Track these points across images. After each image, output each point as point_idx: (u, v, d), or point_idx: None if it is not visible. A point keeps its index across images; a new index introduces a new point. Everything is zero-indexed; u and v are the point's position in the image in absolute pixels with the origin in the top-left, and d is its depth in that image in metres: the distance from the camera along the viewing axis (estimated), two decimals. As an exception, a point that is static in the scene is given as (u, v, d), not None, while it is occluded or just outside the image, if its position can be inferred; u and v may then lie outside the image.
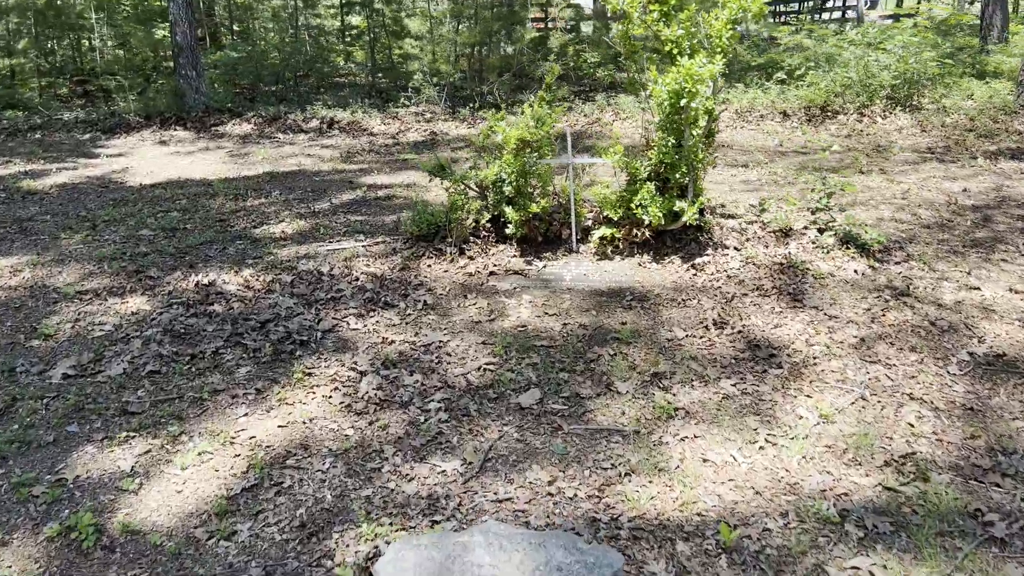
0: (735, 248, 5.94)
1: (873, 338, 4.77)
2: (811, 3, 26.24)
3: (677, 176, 5.56)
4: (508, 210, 6.03)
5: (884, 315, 5.03)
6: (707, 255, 5.89)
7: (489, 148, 6.44)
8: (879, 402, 4.12)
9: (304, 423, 4.01)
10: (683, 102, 5.23)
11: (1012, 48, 15.78)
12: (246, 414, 4.12)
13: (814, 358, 4.59)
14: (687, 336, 4.90)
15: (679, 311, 5.25)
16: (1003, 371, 4.38)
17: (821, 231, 6.04)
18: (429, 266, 6.06)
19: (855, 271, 5.60)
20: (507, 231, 6.15)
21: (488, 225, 6.34)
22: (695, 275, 5.70)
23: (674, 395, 4.22)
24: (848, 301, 5.24)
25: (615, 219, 6.01)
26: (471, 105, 14.40)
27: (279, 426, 3.99)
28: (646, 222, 5.76)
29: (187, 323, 5.17)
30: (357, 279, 5.83)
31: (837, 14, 25.76)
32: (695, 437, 3.83)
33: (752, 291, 5.42)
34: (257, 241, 6.83)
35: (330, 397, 4.27)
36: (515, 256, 6.20)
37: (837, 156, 9.53)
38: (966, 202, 7.39)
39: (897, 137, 10.64)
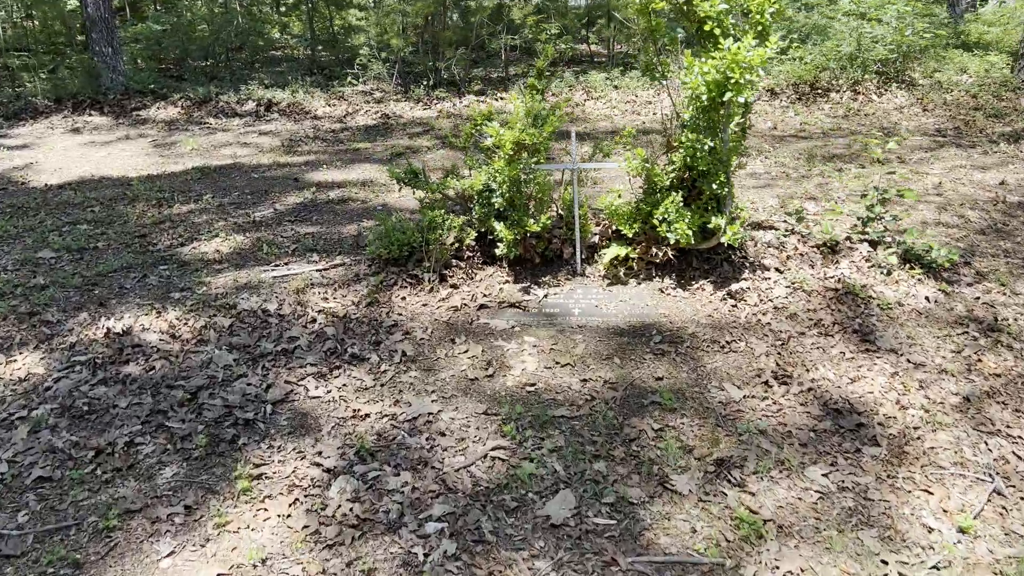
0: (776, 269, 4.90)
1: (979, 396, 3.79)
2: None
3: (714, 186, 4.47)
4: (499, 227, 4.88)
5: (980, 361, 4.06)
6: (744, 279, 4.84)
7: (469, 148, 5.26)
8: (1022, 498, 3.13)
9: (255, 567, 2.84)
10: (727, 96, 4.13)
11: (986, 15, 15.08)
12: (172, 552, 2.93)
13: (914, 428, 3.58)
14: (745, 397, 3.85)
15: (725, 358, 4.20)
16: None
17: (873, 245, 5.04)
18: (403, 298, 4.89)
19: (926, 298, 4.61)
20: (497, 251, 5.00)
21: (473, 244, 5.18)
22: (735, 307, 4.64)
23: (753, 495, 3.17)
24: (930, 341, 4.25)
25: (629, 236, 4.91)
26: (425, 83, 13.09)
27: (219, 575, 2.81)
28: (671, 240, 4.68)
29: (93, 395, 3.93)
30: (314, 320, 4.63)
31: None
32: (802, 572, 2.78)
33: (809, 328, 4.40)
34: (185, 265, 5.55)
35: (288, 516, 3.10)
36: (508, 282, 5.06)
37: (843, 142, 8.58)
38: (1012, 199, 6.49)
39: (899, 117, 9.75)
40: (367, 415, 3.79)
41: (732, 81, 4.08)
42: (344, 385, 4.04)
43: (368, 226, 6.15)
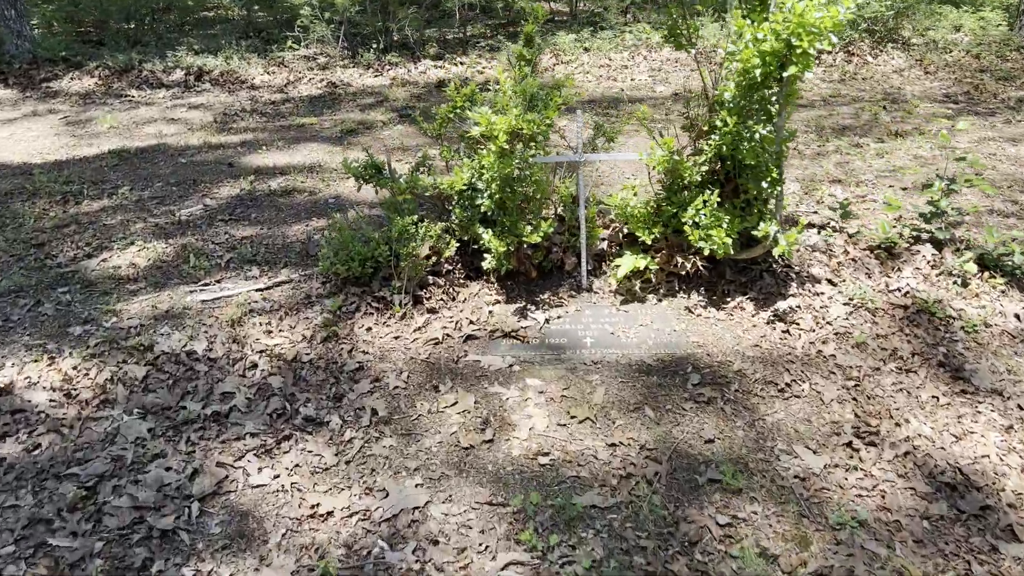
0: (828, 281, 4.00)
1: (1124, 458, 2.95)
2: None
3: (763, 184, 3.53)
4: (486, 235, 3.88)
5: (1108, 404, 3.22)
6: (791, 294, 3.93)
7: (445, 135, 4.23)
8: None
9: None
10: (790, 70, 3.16)
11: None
12: None
13: (1058, 512, 2.72)
14: (826, 467, 2.96)
15: (787, 407, 3.30)
16: None
17: (937, 245, 4.17)
18: (368, 329, 3.87)
19: (1016, 316, 3.76)
20: (484, 264, 4.01)
21: (454, 255, 4.17)
22: (786, 333, 3.74)
23: (877, 636, 2.28)
24: (1037, 376, 3.40)
25: (648, 242, 3.95)
26: (375, 46, 11.83)
27: None
28: (705, 251, 3.73)
29: (-52, 495, 2.86)
30: (254, 366, 3.59)
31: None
32: None
33: (884, 361, 3.52)
34: (91, 286, 4.43)
35: None
36: (498, 302, 4.07)
37: (849, 111, 7.70)
38: (1062, 178, 5.69)
39: (900, 81, 8.92)
40: (330, 513, 2.80)
41: (797, 51, 3.11)
42: (297, 465, 3.03)
43: (319, 227, 5.09)
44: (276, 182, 6.20)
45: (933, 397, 3.29)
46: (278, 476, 2.98)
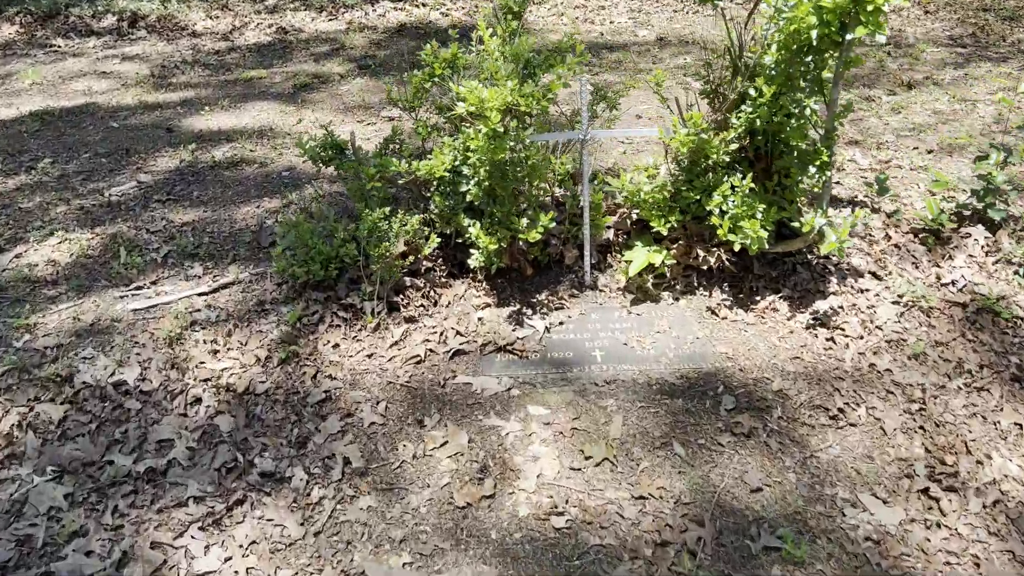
0: (872, 274, 3.44)
1: None
2: None
3: (811, 169, 2.92)
4: (473, 229, 3.24)
5: None
6: (831, 292, 3.36)
7: (419, 108, 3.53)
8: None
9: None
10: (856, 32, 2.54)
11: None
12: None
13: None
14: (903, 524, 2.44)
15: (842, 439, 2.76)
16: None
17: (991, 227, 3.63)
18: (336, 346, 3.24)
19: (1091, 314, 3.25)
20: (470, 261, 3.38)
21: (434, 250, 3.53)
22: (830, 341, 3.18)
23: None
24: None
25: (663, 232, 3.34)
26: (328, -15, 10.84)
27: None
28: (736, 246, 3.14)
29: None
30: (198, 401, 2.95)
31: None
32: None
33: (950, 376, 2.99)
34: (1, 292, 3.71)
35: None
36: (488, 305, 3.46)
37: (852, 56, 7.07)
38: (1099, 136, 5.15)
39: (899, 22, 8.30)
40: (298, 611, 2.21)
41: (867, 7, 2.47)
42: (253, 542, 2.43)
43: (272, 209, 4.39)
44: (221, 151, 5.43)
45: (1015, 424, 2.78)
46: (230, 558, 2.37)
